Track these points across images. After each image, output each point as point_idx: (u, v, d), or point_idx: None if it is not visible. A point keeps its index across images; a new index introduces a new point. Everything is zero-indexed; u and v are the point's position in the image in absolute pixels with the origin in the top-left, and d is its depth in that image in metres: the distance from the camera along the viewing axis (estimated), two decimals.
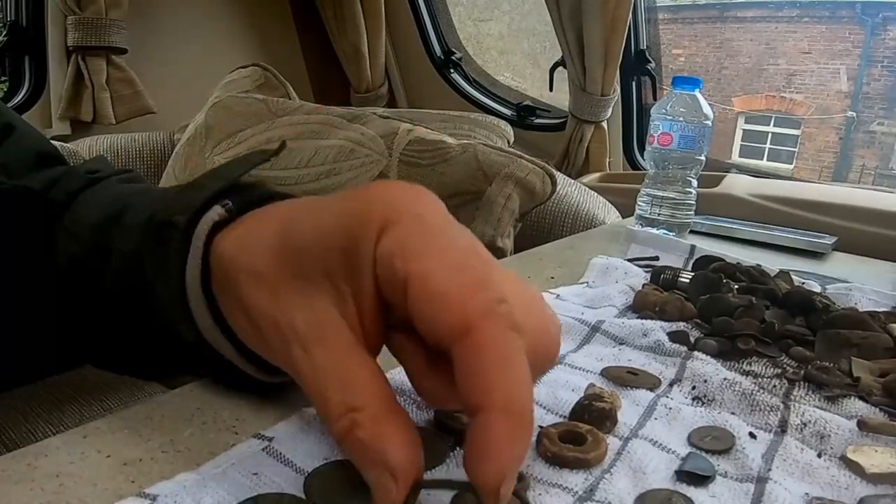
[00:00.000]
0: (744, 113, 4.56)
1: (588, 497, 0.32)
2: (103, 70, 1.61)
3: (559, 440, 0.36)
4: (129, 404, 0.40)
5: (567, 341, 0.51)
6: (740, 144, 4.53)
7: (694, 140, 0.93)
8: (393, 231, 0.27)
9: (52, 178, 0.52)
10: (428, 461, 0.33)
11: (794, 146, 4.47)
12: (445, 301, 0.25)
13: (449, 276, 0.26)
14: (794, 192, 1.20)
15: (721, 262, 0.72)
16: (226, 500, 0.30)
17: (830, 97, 4.32)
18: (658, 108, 0.95)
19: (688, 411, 0.41)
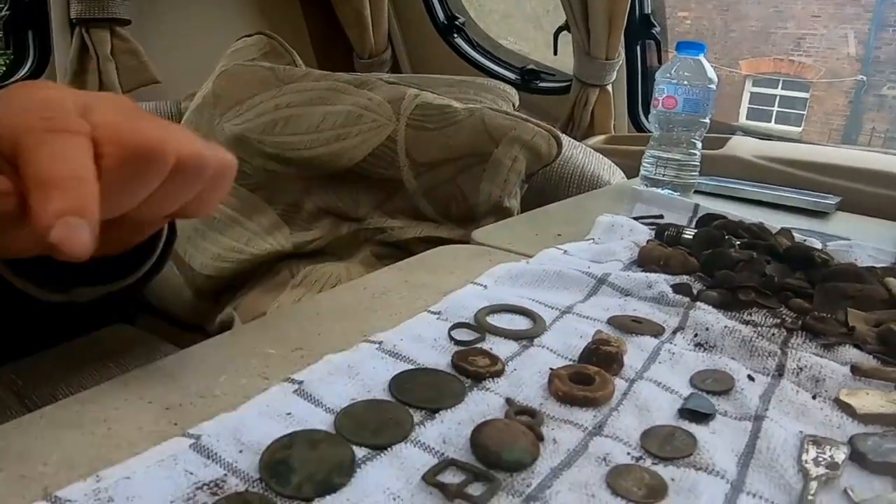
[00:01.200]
0: (751, 76, 4.52)
1: (597, 432, 0.35)
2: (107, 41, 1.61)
3: (569, 381, 0.38)
4: (159, 357, 0.42)
5: (574, 293, 0.53)
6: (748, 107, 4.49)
7: (698, 103, 0.94)
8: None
9: None
10: (447, 401, 0.36)
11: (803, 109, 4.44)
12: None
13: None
14: (798, 154, 1.21)
15: (724, 220, 0.73)
16: (263, 437, 0.32)
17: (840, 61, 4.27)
18: (663, 73, 0.96)
19: (690, 356, 0.43)
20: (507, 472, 0.31)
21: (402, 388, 0.37)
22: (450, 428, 0.34)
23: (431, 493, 0.29)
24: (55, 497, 0.28)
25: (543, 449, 0.33)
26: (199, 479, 0.30)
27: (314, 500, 0.29)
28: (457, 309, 0.48)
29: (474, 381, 0.39)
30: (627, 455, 0.33)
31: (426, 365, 0.40)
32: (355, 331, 0.45)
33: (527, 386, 0.38)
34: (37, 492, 0.30)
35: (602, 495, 0.30)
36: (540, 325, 0.46)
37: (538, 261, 0.59)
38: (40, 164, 0.30)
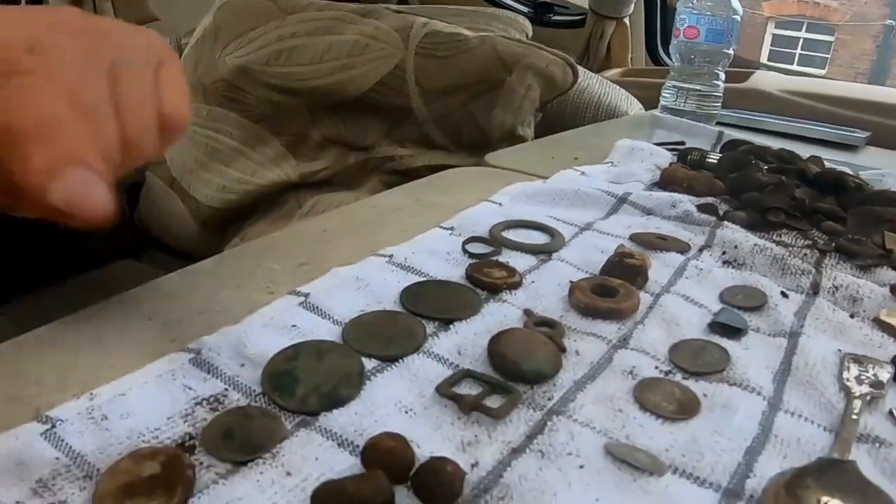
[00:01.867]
0: (774, 18, 4.37)
1: (622, 345, 0.32)
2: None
3: (591, 292, 0.35)
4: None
5: (594, 210, 0.50)
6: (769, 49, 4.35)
7: (722, 34, 0.90)
8: None
9: None
10: (462, 312, 0.34)
11: (827, 52, 4.29)
12: None
13: None
14: (825, 89, 1.16)
15: (750, 145, 0.70)
16: (267, 349, 0.30)
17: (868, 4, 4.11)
18: (684, 3, 0.92)
19: (718, 272, 0.41)
20: (527, 383, 0.29)
21: (414, 299, 0.35)
22: (465, 338, 0.32)
23: (446, 405, 0.27)
24: (46, 417, 0.27)
25: (565, 360, 0.30)
26: (199, 395, 0.28)
27: (320, 413, 0.27)
28: (470, 224, 0.45)
29: (490, 292, 0.36)
30: (655, 369, 0.31)
31: (439, 277, 0.37)
32: (364, 247, 0.42)
33: (546, 298, 0.36)
34: (28, 412, 0.28)
35: (630, 410, 0.28)
36: (558, 240, 0.43)
37: (555, 181, 0.56)
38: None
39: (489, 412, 0.26)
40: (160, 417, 0.26)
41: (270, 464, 0.24)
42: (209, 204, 1.03)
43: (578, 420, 0.27)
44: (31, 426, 0.26)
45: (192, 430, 0.26)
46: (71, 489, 0.23)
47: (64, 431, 0.26)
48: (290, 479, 0.23)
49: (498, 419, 0.26)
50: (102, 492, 0.23)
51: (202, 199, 1.04)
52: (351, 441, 0.25)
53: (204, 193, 1.04)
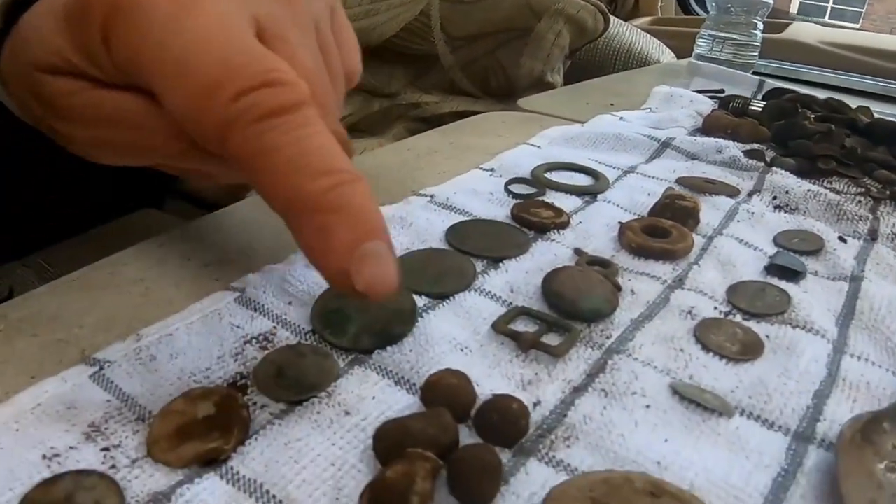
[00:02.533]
0: None
1: (678, 285, 0.31)
2: None
3: (643, 233, 0.34)
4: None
5: (636, 154, 0.48)
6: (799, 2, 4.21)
7: None
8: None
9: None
10: (511, 250, 0.32)
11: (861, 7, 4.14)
12: (185, 120, 0.21)
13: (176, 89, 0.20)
14: (865, 41, 1.11)
15: (795, 94, 0.67)
16: (313, 288, 0.29)
17: None
18: None
19: (771, 216, 0.39)
20: (584, 322, 0.28)
21: (461, 237, 0.33)
22: (516, 277, 0.31)
23: (503, 343, 0.26)
24: (94, 359, 0.26)
25: (621, 299, 0.29)
26: (247, 333, 0.27)
27: (373, 352, 0.26)
28: (511, 166, 0.44)
29: (538, 232, 0.35)
30: (714, 309, 0.30)
31: (483, 217, 0.36)
32: (402, 187, 0.41)
33: (595, 238, 0.35)
34: (74, 355, 0.27)
35: (692, 350, 0.27)
36: (603, 182, 0.42)
37: (593, 125, 0.54)
38: (277, 186, 0.20)
39: (549, 350, 0.25)
40: (210, 357, 0.26)
41: (326, 403, 0.23)
42: None
43: (639, 359, 0.26)
44: (79, 368, 0.26)
45: (244, 370, 0.25)
46: (124, 432, 0.23)
47: (112, 373, 0.25)
48: (348, 419, 0.23)
49: (557, 357, 0.25)
50: (157, 434, 0.22)
51: None
52: (407, 379, 0.24)
53: None
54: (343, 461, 0.21)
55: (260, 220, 0.38)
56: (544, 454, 0.21)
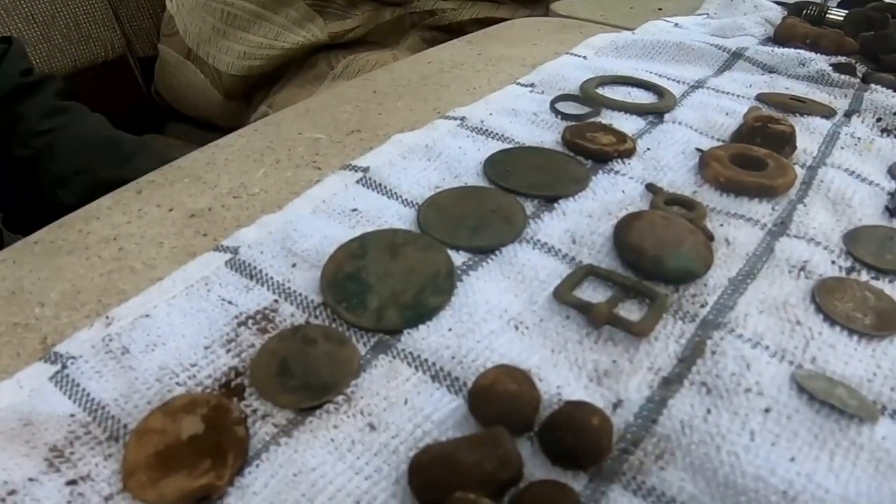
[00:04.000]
0: None
1: (781, 231, 0.25)
2: None
3: (732, 164, 0.27)
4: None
5: (702, 66, 0.40)
6: None
7: None
8: None
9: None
10: (567, 186, 0.26)
11: None
12: None
13: None
14: None
15: (881, 2, 0.58)
16: (323, 243, 0.23)
17: None
18: None
19: (882, 142, 0.32)
20: (671, 284, 0.21)
21: (502, 171, 0.27)
22: (577, 222, 0.24)
23: (568, 316, 0.20)
24: (55, 354, 0.20)
25: (715, 252, 0.23)
26: (241, 311, 0.21)
27: (402, 331, 0.20)
28: (554, 80, 0.36)
29: (597, 162, 0.28)
30: (833, 264, 0.23)
31: (527, 143, 0.30)
32: (426, 108, 0.34)
33: (669, 170, 0.28)
34: (34, 344, 0.22)
35: (811, 322, 0.20)
36: (669, 99, 0.35)
37: (646, 32, 0.46)
38: None
39: (629, 327, 0.19)
40: (196, 347, 0.20)
41: (346, 412, 0.18)
42: (231, 72, 0.94)
43: (746, 337, 0.20)
44: (39, 368, 0.20)
45: (238, 363, 0.19)
46: (94, 457, 0.18)
47: (78, 373, 0.20)
48: (375, 436, 0.17)
49: (640, 336, 0.19)
50: (133, 463, 0.17)
51: (223, 68, 0.95)
52: (448, 372, 0.19)
53: (224, 62, 0.94)
54: (371, 498, 0.16)
55: (252, 155, 0.31)
56: (630, 478, 0.16)
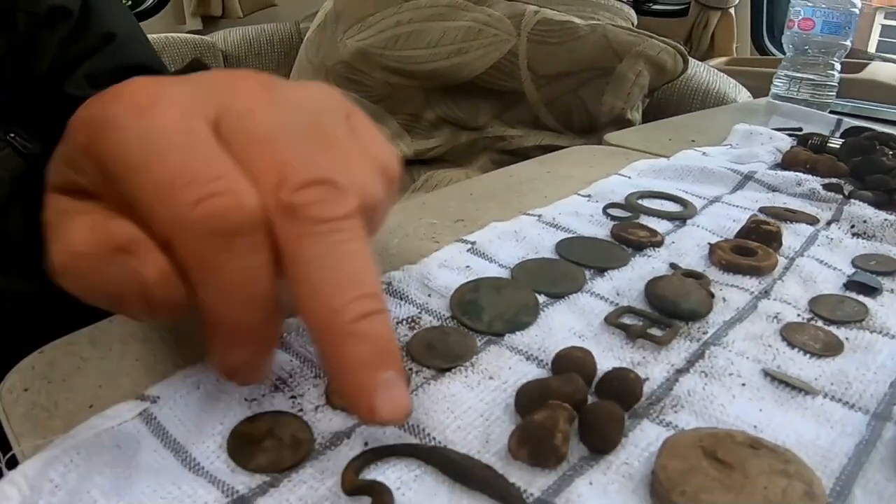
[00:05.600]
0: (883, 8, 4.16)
1: (764, 296, 0.36)
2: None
3: (731, 252, 0.38)
4: None
5: (720, 186, 0.53)
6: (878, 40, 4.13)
7: (839, 26, 0.90)
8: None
9: None
10: (614, 262, 0.38)
11: None
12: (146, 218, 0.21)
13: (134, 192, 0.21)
14: None
15: (874, 132, 0.70)
16: (449, 283, 0.35)
17: None
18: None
19: (849, 242, 0.43)
20: (683, 320, 0.32)
21: (570, 250, 0.39)
22: (620, 283, 0.36)
23: (613, 333, 0.31)
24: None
25: (714, 305, 0.34)
26: (397, 316, 0.33)
27: (504, 335, 0.31)
28: (606, 193, 0.49)
29: (635, 249, 0.40)
30: (798, 316, 0.34)
31: (586, 235, 0.42)
32: (510, 208, 0.47)
33: (687, 255, 0.39)
34: None
35: (778, 345, 0.31)
36: (691, 209, 0.46)
37: (678, 159, 0.59)
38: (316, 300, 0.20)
39: (654, 339, 0.30)
40: None
41: (471, 370, 0.29)
42: None
43: (733, 351, 0.30)
44: None
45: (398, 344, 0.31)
46: (306, 385, 0.28)
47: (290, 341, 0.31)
48: (491, 382, 0.28)
49: (662, 345, 0.30)
50: (334, 387, 0.28)
51: None
52: (536, 356, 0.30)
53: None
54: (490, 413, 0.26)
55: (386, 230, 0.44)
56: (655, 417, 0.26)
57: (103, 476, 0.24)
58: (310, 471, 0.24)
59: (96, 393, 0.29)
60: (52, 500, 0.22)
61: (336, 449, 0.25)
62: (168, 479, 0.24)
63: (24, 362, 0.32)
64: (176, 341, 0.33)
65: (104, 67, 0.50)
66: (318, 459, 0.24)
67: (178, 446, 0.25)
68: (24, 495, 0.23)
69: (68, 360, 0.32)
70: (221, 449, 0.25)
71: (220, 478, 0.24)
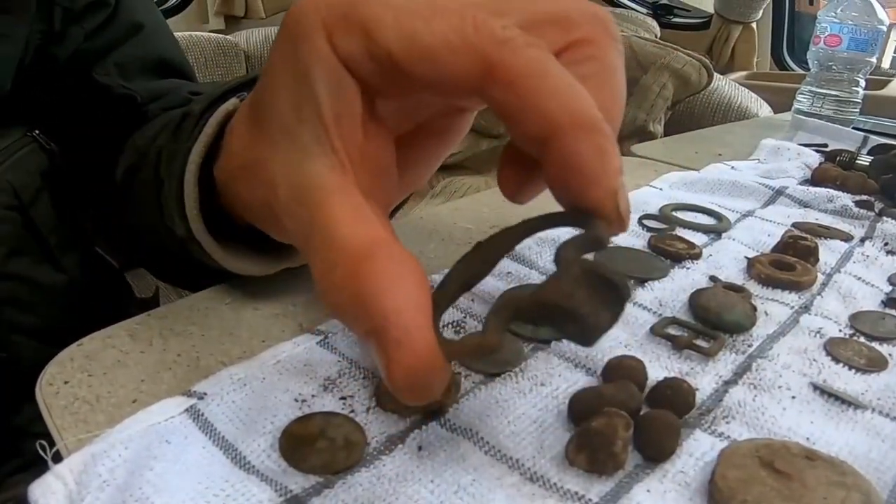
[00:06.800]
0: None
1: (805, 311, 0.36)
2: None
3: (770, 266, 0.39)
4: None
5: (751, 200, 0.53)
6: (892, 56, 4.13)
7: (866, 43, 0.90)
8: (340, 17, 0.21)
9: (158, 91, 0.49)
10: (654, 273, 0.38)
11: None
12: (448, 50, 0.20)
13: (433, 25, 0.20)
14: None
15: None
16: (492, 289, 0.35)
17: None
18: (826, 12, 0.92)
19: (885, 259, 0.43)
20: (727, 332, 0.33)
21: (609, 260, 0.39)
22: (662, 294, 0.36)
23: (660, 343, 0.32)
24: (318, 330, 0.32)
25: (757, 318, 0.34)
26: (442, 320, 0.33)
27: (552, 342, 0.31)
28: (640, 204, 0.49)
29: (674, 260, 0.40)
30: (840, 332, 0.34)
31: (624, 245, 0.42)
32: None
33: (726, 269, 0.40)
34: (293, 326, 0.33)
35: (823, 360, 0.31)
36: (726, 222, 0.47)
37: (708, 172, 0.59)
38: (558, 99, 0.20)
39: (701, 350, 0.30)
40: None
41: (521, 377, 0.29)
42: None
43: (779, 364, 0.31)
44: (307, 336, 0.32)
45: None
46: (356, 386, 0.28)
47: (336, 342, 0.31)
48: (543, 388, 0.28)
49: (709, 357, 0.30)
50: (385, 389, 0.27)
51: None
52: (584, 364, 0.30)
53: None
54: (543, 419, 0.27)
55: (425, 233, 0.44)
56: (707, 427, 0.27)
57: (154, 472, 0.24)
58: (365, 474, 0.24)
59: (139, 387, 0.30)
60: (100, 495, 0.23)
61: (391, 454, 0.25)
62: (220, 476, 0.24)
63: (62, 354, 0.32)
64: (217, 338, 0.33)
65: (133, 56, 0.51)
66: (374, 464, 0.24)
67: (228, 444, 0.26)
68: (70, 490, 0.23)
69: (108, 353, 0.32)
70: (273, 448, 0.25)
71: (272, 477, 0.24)
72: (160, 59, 0.53)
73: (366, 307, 0.19)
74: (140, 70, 0.51)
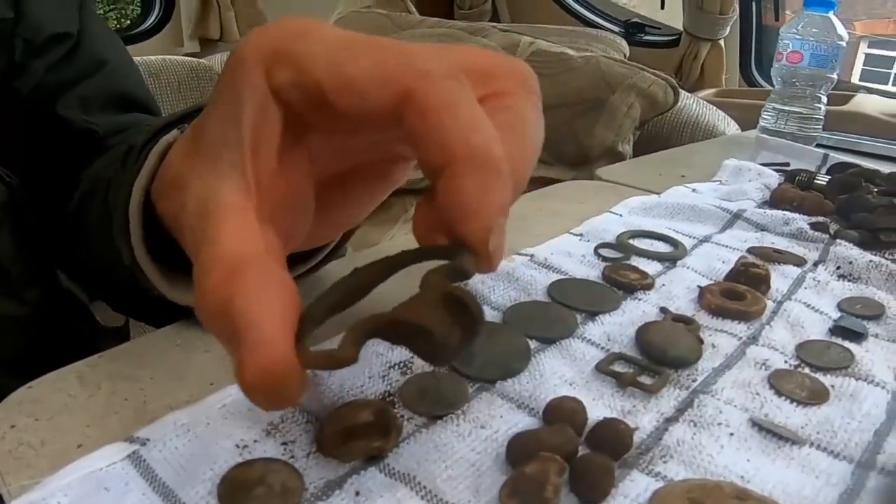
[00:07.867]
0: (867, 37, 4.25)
1: (752, 342, 0.36)
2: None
3: (720, 296, 0.39)
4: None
5: (710, 225, 0.53)
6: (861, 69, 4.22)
7: (826, 59, 0.92)
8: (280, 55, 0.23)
9: (120, 125, 0.50)
10: (606, 306, 0.38)
11: None
12: (370, 80, 0.21)
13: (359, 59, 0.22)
14: None
15: (859, 168, 0.71)
16: None
17: None
18: (788, 28, 0.94)
19: (836, 284, 0.44)
20: (672, 368, 0.33)
21: (562, 293, 0.39)
22: (612, 328, 0.36)
23: (605, 380, 0.32)
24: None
25: (704, 351, 0.34)
26: (390, 360, 0.33)
27: (496, 382, 0.31)
28: (598, 232, 0.49)
29: (626, 292, 0.40)
30: (785, 363, 0.34)
31: (578, 276, 0.42)
32: None
33: (678, 299, 0.40)
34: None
35: (766, 394, 0.31)
36: (681, 250, 0.47)
37: (669, 196, 0.60)
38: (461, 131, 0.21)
39: (644, 387, 0.31)
40: (363, 376, 0.32)
41: (462, 419, 0.29)
42: None
43: (722, 399, 0.31)
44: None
45: (390, 389, 0.31)
46: (298, 431, 0.28)
47: None
48: (483, 431, 0.28)
49: (652, 393, 0.31)
50: (327, 433, 0.27)
51: None
52: (527, 404, 0.30)
53: None
54: (481, 463, 0.27)
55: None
56: (644, 467, 0.27)
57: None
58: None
59: (84, 432, 0.30)
60: None
61: (328, 500, 0.25)
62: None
63: (11, 397, 0.32)
64: (165, 381, 0.33)
65: (96, 90, 0.51)
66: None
67: (168, 490, 0.25)
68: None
69: (56, 397, 0.32)
70: (211, 495, 0.25)
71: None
72: (123, 95, 0.53)
73: (230, 314, 0.20)
74: (103, 105, 0.52)
